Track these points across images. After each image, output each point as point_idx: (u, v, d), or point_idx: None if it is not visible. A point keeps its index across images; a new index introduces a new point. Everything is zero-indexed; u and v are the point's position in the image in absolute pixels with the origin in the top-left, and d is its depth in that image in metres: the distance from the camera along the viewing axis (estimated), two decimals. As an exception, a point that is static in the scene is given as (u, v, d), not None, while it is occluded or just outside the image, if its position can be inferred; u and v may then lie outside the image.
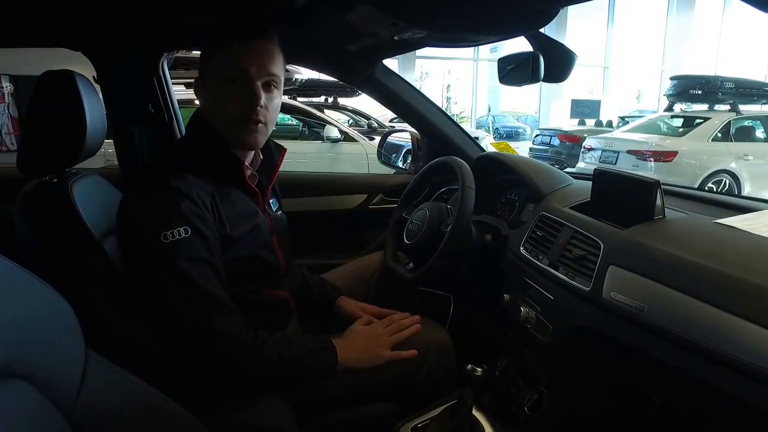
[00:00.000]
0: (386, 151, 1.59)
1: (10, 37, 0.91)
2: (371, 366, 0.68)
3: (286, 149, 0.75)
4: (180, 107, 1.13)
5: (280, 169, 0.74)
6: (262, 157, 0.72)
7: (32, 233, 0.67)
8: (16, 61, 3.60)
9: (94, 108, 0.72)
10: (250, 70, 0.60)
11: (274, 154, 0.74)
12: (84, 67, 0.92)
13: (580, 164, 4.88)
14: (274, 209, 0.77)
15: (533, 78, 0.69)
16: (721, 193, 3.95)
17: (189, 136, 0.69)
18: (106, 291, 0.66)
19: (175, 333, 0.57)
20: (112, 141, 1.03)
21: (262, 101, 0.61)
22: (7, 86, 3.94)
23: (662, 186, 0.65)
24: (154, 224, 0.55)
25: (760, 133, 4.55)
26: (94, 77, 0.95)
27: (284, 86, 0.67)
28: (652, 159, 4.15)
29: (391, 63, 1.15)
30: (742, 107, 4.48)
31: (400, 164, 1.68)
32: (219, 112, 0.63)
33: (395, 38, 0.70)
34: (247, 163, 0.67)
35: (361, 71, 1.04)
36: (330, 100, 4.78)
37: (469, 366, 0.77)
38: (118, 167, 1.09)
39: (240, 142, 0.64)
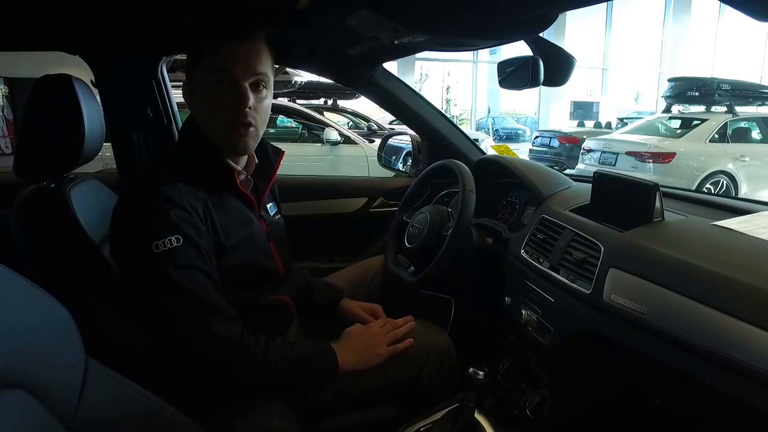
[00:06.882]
0: (386, 154, 1.60)
1: (7, 40, 0.90)
2: (371, 365, 0.68)
3: (284, 152, 0.74)
4: (180, 110, 1.13)
5: (278, 173, 0.74)
6: (257, 161, 0.71)
7: (30, 239, 0.67)
8: (11, 63, 3.58)
9: (92, 112, 0.72)
10: (236, 71, 0.60)
11: (271, 157, 0.72)
12: (81, 70, 0.91)
13: (580, 165, 4.89)
14: (271, 214, 0.76)
15: (533, 82, 0.70)
16: (718, 194, 3.97)
17: (180, 143, 0.69)
18: (106, 297, 0.65)
19: (174, 341, 0.57)
20: (109, 144, 1.02)
21: (251, 102, 0.60)
22: (2, 88, 3.92)
23: (661, 188, 0.65)
24: (144, 234, 0.55)
25: (756, 134, 4.58)
26: (92, 81, 0.95)
27: (284, 89, 0.67)
28: (650, 160, 4.17)
29: (391, 65, 1.15)
30: (738, 109, 4.50)
31: (400, 167, 1.69)
32: (208, 117, 0.63)
33: (396, 42, 0.70)
34: (240, 168, 0.66)
35: (361, 74, 1.04)
36: (329, 102, 4.78)
37: (471, 369, 0.77)
38: (116, 172, 1.08)
39: (230, 148, 0.63)
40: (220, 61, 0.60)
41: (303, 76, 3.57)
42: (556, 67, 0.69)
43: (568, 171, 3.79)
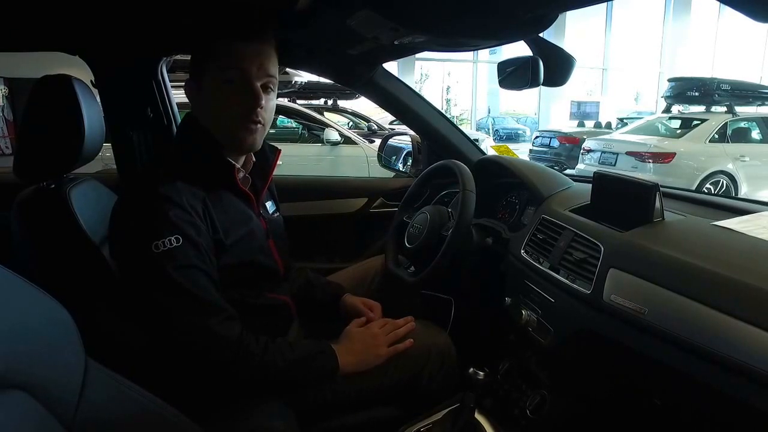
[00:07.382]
0: (386, 154, 1.60)
1: (7, 40, 0.90)
2: (371, 366, 0.68)
3: (280, 150, 0.75)
4: (180, 111, 1.13)
5: (279, 173, 0.74)
6: (254, 159, 0.71)
7: (30, 240, 0.67)
8: (11, 63, 3.59)
9: (92, 113, 0.72)
10: (251, 70, 0.60)
11: (268, 155, 0.73)
12: (81, 70, 0.91)
13: (580, 165, 4.90)
14: (270, 212, 0.77)
15: (533, 82, 0.70)
16: (718, 194, 3.97)
17: (180, 141, 0.68)
18: (106, 298, 0.65)
19: (174, 341, 0.57)
20: (109, 144, 1.02)
21: (263, 102, 0.61)
22: (2, 89, 3.93)
23: (661, 188, 0.65)
24: (144, 234, 0.55)
25: (755, 134, 4.59)
26: (92, 81, 0.95)
27: (284, 89, 0.67)
28: (650, 160, 4.17)
29: (391, 65, 1.15)
30: (738, 109, 4.51)
31: (400, 167, 1.69)
32: (216, 114, 0.63)
33: (396, 43, 0.70)
34: (239, 166, 0.67)
35: (361, 75, 1.04)
36: (329, 102, 4.78)
37: (471, 369, 0.76)
38: (116, 172, 1.09)
39: (237, 144, 0.63)
40: (234, 60, 0.60)
41: (303, 76, 3.57)
42: (556, 67, 0.69)
43: (568, 171, 3.79)
